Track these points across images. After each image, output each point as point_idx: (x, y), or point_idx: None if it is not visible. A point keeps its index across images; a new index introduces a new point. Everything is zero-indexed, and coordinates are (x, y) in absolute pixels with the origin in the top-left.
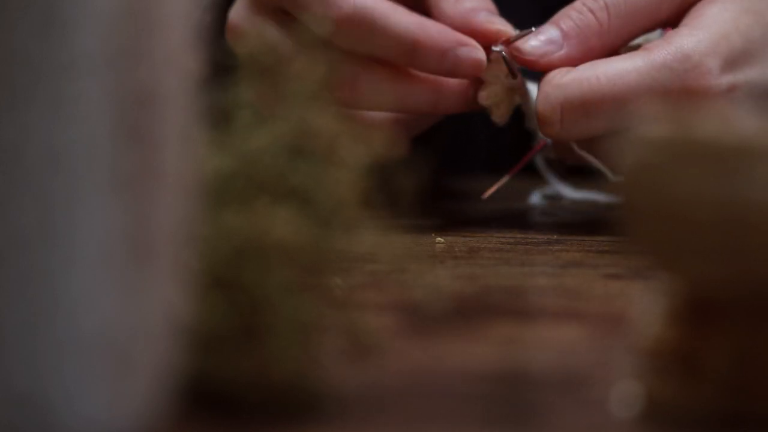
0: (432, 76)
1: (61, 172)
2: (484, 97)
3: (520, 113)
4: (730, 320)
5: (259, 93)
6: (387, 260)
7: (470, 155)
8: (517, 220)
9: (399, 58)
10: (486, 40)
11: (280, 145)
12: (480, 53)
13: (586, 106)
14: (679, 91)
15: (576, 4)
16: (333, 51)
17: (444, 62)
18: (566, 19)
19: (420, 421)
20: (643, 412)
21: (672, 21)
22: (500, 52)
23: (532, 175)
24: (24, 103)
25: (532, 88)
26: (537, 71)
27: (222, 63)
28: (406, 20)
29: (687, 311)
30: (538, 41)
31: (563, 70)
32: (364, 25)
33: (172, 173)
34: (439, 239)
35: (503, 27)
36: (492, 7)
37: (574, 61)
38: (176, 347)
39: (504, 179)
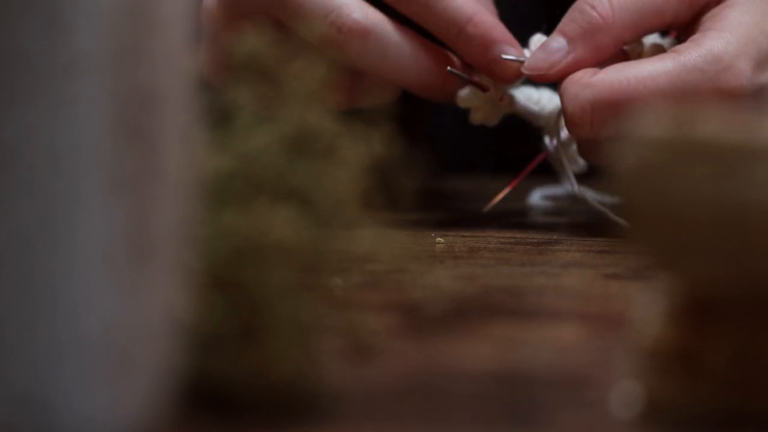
0: (438, 61)
1: (61, 172)
2: (459, 100)
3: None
4: (730, 320)
5: (259, 93)
6: (387, 260)
7: (470, 156)
8: (517, 220)
9: (446, 35)
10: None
11: (280, 145)
12: (516, 66)
13: (616, 106)
14: (711, 92)
15: (578, 4)
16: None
17: (486, 54)
18: (569, 23)
19: (420, 421)
20: (643, 412)
21: (680, 20)
22: (450, 70)
23: (532, 175)
24: (24, 103)
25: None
26: (552, 82)
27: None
28: (466, 2)
29: (687, 311)
30: (544, 53)
31: (589, 71)
32: None
33: (172, 173)
34: (439, 239)
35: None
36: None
37: (584, 63)
38: (176, 347)
39: (505, 191)
